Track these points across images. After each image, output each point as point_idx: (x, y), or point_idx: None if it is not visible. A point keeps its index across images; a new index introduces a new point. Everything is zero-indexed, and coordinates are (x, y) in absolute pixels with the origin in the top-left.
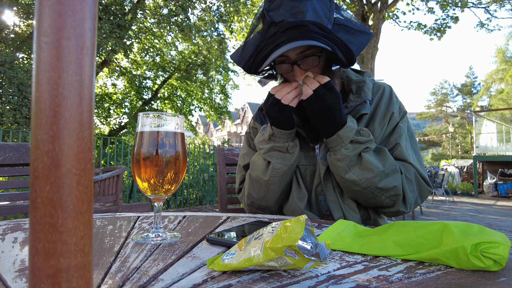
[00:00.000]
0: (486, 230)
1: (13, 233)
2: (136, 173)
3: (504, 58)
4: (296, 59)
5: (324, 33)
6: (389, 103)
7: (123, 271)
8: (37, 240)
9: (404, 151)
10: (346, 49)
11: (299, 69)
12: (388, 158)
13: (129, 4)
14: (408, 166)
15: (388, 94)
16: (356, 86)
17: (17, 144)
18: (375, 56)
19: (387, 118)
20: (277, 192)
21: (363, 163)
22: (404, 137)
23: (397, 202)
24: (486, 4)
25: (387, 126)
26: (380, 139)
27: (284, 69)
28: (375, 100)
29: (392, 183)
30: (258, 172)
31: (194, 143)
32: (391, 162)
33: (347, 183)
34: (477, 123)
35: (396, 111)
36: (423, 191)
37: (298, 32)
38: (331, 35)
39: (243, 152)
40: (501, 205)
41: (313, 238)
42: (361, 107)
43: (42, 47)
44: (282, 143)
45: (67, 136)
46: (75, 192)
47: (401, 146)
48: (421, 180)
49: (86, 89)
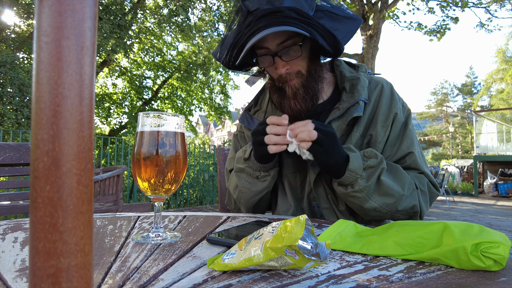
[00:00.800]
0: (486, 230)
1: (14, 232)
2: (136, 173)
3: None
4: (276, 50)
5: (302, 18)
6: (391, 103)
7: (124, 271)
8: (38, 240)
9: (418, 160)
10: (329, 36)
11: (281, 61)
12: (405, 178)
13: (129, 4)
14: (421, 177)
15: (388, 92)
16: (349, 84)
17: (17, 144)
18: (375, 56)
19: (390, 119)
20: (249, 207)
21: (382, 188)
22: (416, 143)
23: (414, 217)
24: (487, 4)
25: (391, 128)
26: (385, 142)
27: (266, 62)
28: (374, 99)
29: (412, 202)
30: (230, 187)
31: (194, 143)
32: (409, 182)
33: (366, 211)
34: (477, 123)
35: (399, 111)
36: (433, 197)
37: (273, 18)
38: (311, 21)
39: (230, 156)
40: (502, 205)
41: (313, 238)
42: (353, 109)
43: (42, 47)
44: (254, 170)
45: (67, 136)
46: (76, 192)
47: (414, 155)
48: (431, 187)
49: (86, 88)
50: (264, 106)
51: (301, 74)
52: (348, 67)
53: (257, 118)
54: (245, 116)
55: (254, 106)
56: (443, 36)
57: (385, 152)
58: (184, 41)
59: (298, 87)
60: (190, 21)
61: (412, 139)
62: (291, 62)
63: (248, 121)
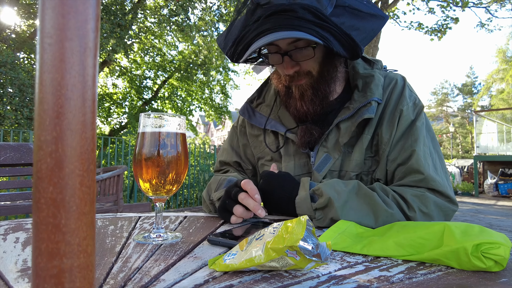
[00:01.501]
0: (487, 231)
1: (15, 233)
2: (138, 173)
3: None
4: (287, 49)
5: (317, 20)
6: (398, 100)
7: (125, 271)
8: (41, 241)
9: (421, 160)
10: (347, 39)
11: (290, 61)
12: (379, 210)
13: (129, 4)
14: (424, 197)
15: (399, 89)
16: (362, 82)
17: (18, 144)
18: (375, 56)
19: (396, 117)
20: None
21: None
22: (421, 141)
23: None
24: (487, 4)
25: (397, 128)
26: (391, 143)
27: (275, 60)
28: (385, 98)
29: None
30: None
31: (194, 143)
32: (386, 214)
33: None
34: (477, 123)
35: (406, 108)
36: (448, 215)
37: (283, 19)
38: (327, 24)
39: (224, 147)
40: (502, 205)
41: (314, 239)
42: (364, 110)
43: (46, 48)
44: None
45: (70, 137)
46: (78, 192)
47: (417, 154)
48: (442, 203)
49: (89, 90)
50: (268, 99)
51: (311, 75)
52: (363, 63)
53: (260, 112)
54: (246, 108)
55: (257, 98)
56: (443, 35)
57: (391, 154)
58: (184, 41)
59: (307, 88)
60: (190, 21)
61: (417, 137)
62: (302, 63)
63: (249, 114)
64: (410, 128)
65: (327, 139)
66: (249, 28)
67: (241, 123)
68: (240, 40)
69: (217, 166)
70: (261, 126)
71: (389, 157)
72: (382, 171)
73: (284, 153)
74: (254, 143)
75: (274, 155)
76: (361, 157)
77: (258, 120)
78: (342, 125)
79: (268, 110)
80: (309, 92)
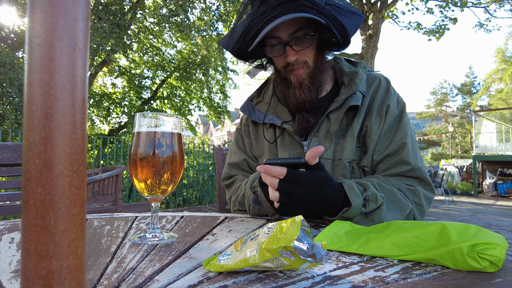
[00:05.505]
0: (483, 231)
1: (10, 233)
2: (133, 173)
3: (504, 58)
4: (288, 39)
5: (317, 7)
6: (385, 95)
7: (119, 272)
8: (29, 242)
9: (410, 153)
10: (340, 26)
11: (292, 50)
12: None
13: (128, 4)
14: (416, 191)
15: (384, 86)
16: (348, 78)
17: (15, 144)
18: (374, 55)
19: (383, 111)
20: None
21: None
22: (409, 136)
23: None
24: (486, 3)
25: (384, 120)
26: (379, 134)
27: (276, 52)
28: (371, 93)
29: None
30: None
31: (193, 143)
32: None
33: None
34: (476, 123)
35: (392, 103)
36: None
37: (289, 6)
38: (325, 11)
39: (231, 150)
40: (501, 204)
41: (309, 239)
42: (350, 99)
43: (34, 48)
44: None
45: (60, 138)
46: (68, 193)
47: (407, 147)
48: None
49: (78, 90)
50: (266, 98)
51: (307, 64)
52: (348, 64)
53: (259, 109)
54: (247, 105)
55: (257, 97)
56: (442, 36)
57: (378, 145)
58: (183, 41)
59: (304, 77)
60: (189, 20)
61: (406, 132)
62: (300, 52)
63: (249, 111)
64: (398, 123)
65: (319, 129)
66: (258, 19)
67: (245, 122)
68: (248, 31)
69: (225, 173)
70: (260, 121)
71: (376, 147)
72: (368, 159)
73: (279, 144)
74: (255, 139)
75: (271, 149)
76: (353, 144)
77: (257, 116)
78: (332, 115)
79: (266, 107)
80: (307, 81)
